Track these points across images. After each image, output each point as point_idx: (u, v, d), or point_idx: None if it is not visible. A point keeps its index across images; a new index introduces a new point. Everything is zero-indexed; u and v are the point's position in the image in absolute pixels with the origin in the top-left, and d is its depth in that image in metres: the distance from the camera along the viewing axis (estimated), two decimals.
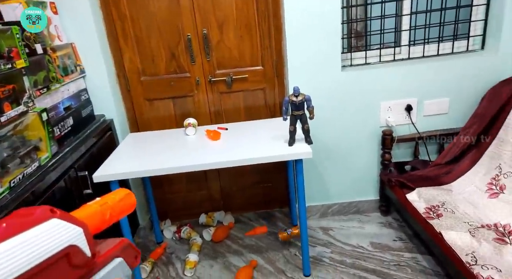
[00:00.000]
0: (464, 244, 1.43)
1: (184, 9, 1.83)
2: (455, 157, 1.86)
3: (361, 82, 1.89)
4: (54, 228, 0.26)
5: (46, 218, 0.26)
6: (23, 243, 0.24)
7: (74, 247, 0.28)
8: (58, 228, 0.27)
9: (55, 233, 0.26)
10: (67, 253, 0.27)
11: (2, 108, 1.14)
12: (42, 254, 0.25)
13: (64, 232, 0.27)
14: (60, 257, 0.26)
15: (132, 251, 0.34)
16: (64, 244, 0.27)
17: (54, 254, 0.26)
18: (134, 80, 1.95)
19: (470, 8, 1.86)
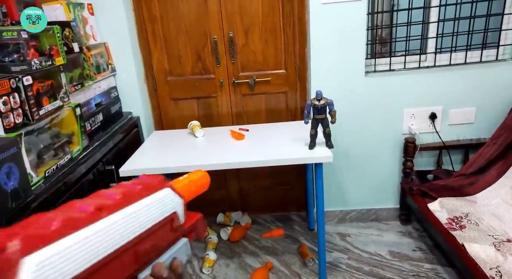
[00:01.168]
0: (488, 257, 1.39)
1: (212, 12, 1.88)
2: (481, 168, 1.82)
3: (385, 88, 1.88)
4: (166, 196, 0.31)
5: (163, 187, 0.31)
6: (149, 205, 0.29)
7: (176, 214, 0.32)
8: (169, 197, 0.32)
9: (167, 200, 0.31)
10: (171, 218, 0.32)
11: (41, 102, 1.21)
12: (159, 216, 0.30)
13: (172, 201, 0.32)
14: (167, 221, 0.31)
15: (203, 224, 0.39)
16: (171, 210, 0.32)
17: (166, 217, 0.31)
18: (161, 80, 2.02)
19: (502, 17, 1.82)
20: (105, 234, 0.25)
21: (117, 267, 0.26)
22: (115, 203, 0.27)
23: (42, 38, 1.26)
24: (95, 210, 0.25)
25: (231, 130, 1.77)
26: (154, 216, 0.29)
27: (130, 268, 0.28)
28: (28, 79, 1.15)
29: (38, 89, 1.21)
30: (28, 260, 0.20)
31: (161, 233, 0.31)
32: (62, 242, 0.22)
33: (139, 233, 0.28)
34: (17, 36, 1.16)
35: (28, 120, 1.16)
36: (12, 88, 1.09)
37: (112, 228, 0.25)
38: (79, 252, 0.23)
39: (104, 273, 0.25)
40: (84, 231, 0.24)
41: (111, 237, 0.25)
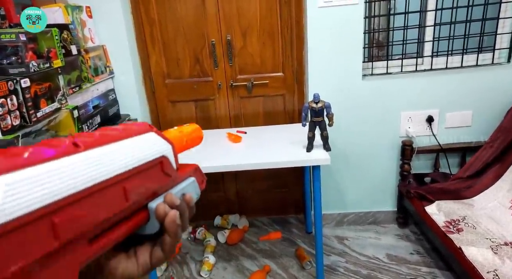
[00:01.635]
0: (486, 261, 1.39)
1: (210, 15, 1.89)
2: (478, 171, 1.82)
3: (382, 91, 1.89)
4: (152, 140, 0.32)
5: (146, 131, 0.32)
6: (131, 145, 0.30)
7: (165, 158, 0.33)
8: (154, 141, 0.33)
9: (153, 144, 0.32)
10: (160, 161, 0.33)
11: (39, 105, 1.21)
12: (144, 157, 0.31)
13: (159, 145, 0.33)
14: (156, 164, 0.32)
15: (201, 175, 0.40)
16: (159, 154, 0.33)
17: (153, 160, 0.32)
18: (159, 83, 2.03)
19: (497, 21, 1.83)
20: (84, 166, 0.25)
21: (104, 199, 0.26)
22: (93, 140, 0.27)
23: (40, 40, 1.26)
24: (71, 144, 0.25)
25: (227, 133, 1.77)
26: (138, 156, 0.30)
27: (120, 204, 0.28)
28: (26, 81, 1.15)
29: (36, 91, 1.21)
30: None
31: (152, 174, 0.32)
32: (34, 168, 0.21)
33: (122, 171, 0.28)
34: (15, 39, 1.17)
35: (26, 122, 1.16)
36: (10, 90, 1.09)
37: (91, 161, 0.25)
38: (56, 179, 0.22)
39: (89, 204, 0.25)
40: (59, 161, 0.23)
41: (91, 170, 0.25)
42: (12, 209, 0.19)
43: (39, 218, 0.21)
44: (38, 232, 0.21)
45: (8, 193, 0.19)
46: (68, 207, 0.23)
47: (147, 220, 0.32)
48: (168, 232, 0.32)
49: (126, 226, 0.29)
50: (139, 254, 0.33)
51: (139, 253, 0.33)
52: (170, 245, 0.33)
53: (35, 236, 0.21)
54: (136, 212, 0.31)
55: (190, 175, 0.37)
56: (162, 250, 0.33)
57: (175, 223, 0.32)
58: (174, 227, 0.32)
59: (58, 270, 0.23)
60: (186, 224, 0.35)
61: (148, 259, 0.33)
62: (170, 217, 0.31)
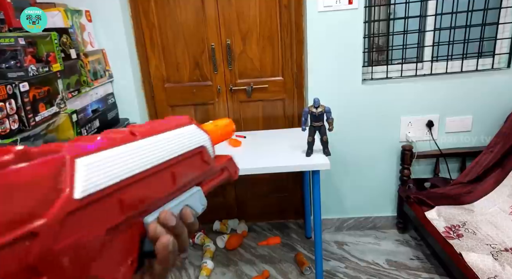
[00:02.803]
0: (486, 267, 1.38)
1: (209, 20, 1.89)
2: (478, 176, 1.82)
3: (382, 96, 1.89)
4: (192, 131, 0.35)
5: (188, 123, 0.35)
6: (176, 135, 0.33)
7: (204, 148, 0.36)
8: (195, 132, 0.36)
9: (193, 135, 0.35)
10: (200, 151, 0.36)
11: (38, 109, 1.21)
12: (187, 146, 0.34)
13: (198, 136, 0.36)
14: (197, 153, 0.35)
15: (234, 165, 0.42)
16: (199, 143, 0.35)
17: (194, 149, 0.35)
18: (159, 87, 2.02)
19: (496, 26, 1.84)
20: (141, 152, 0.28)
21: (157, 182, 0.30)
22: (145, 130, 0.30)
23: (39, 44, 1.26)
24: (129, 133, 0.29)
25: None
26: (183, 145, 0.33)
27: (169, 186, 0.31)
28: (25, 86, 1.15)
29: (35, 95, 1.20)
30: (80, 161, 0.23)
31: (193, 162, 0.35)
32: (106, 152, 0.25)
33: (170, 158, 0.31)
34: (14, 43, 1.17)
35: (24, 126, 1.15)
36: (8, 94, 1.08)
37: (146, 148, 0.29)
38: (121, 162, 0.26)
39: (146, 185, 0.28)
40: (124, 147, 0.27)
41: (147, 156, 0.29)
42: (92, 185, 0.23)
43: (110, 194, 0.25)
44: (109, 206, 0.25)
45: (89, 171, 0.23)
46: (130, 187, 0.26)
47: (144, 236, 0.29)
48: (158, 258, 0.28)
49: None
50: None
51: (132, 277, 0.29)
52: (160, 272, 0.28)
53: (107, 209, 0.25)
54: None
55: (225, 165, 0.40)
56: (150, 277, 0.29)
57: (166, 250, 0.27)
58: (165, 254, 0.27)
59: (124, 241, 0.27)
60: (185, 245, 0.30)
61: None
62: (161, 243, 0.27)
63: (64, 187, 0.21)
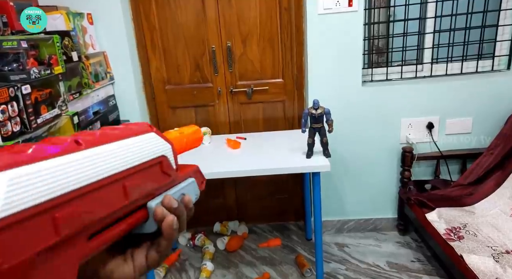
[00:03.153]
0: (487, 269, 1.37)
1: (210, 22, 1.90)
2: (479, 178, 1.81)
3: (382, 98, 1.89)
4: (151, 140, 0.33)
5: (147, 131, 0.33)
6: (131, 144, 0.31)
7: (165, 157, 0.34)
8: (154, 140, 0.33)
9: (152, 143, 0.33)
10: (160, 161, 0.33)
11: (40, 111, 1.22)
12: (144, 156, 0.31)
13: (158, 145, 0.34)
14: (155, 163, 0.33)
15: (201, 176, 0.40)
16: (158, 153, 0.33)
17: (152, 159, 0.32)
18: (159, 88, 2.03)
19: (496, 28, 1.84)
20: (85, 163, 0.25)
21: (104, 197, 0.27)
22: (94, 139, 0.27)
23: (41, 47, 1.27)
24: (73, 142, 0.26)
25: (227, 139, 1.77)
26: (138, 155, 0.31)
27: (119, 201, 0.28)
28: (27, 88, 1.16)
29: (37, 97, 1.21)
30: (2, 175, 0.20)
31: (151, 173, 0.32)
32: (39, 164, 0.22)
33: (122, 169, 0.29)
34: (17, 46, 1.18)
35: (26, 129, 1.16)
36: (10, 97, 1.09)
37: (92, 159, 0.26)
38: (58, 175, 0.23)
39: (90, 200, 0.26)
40: (63, 158, 0.24)
41: (92, 168, 0.26)
42: (15, 203, 0.20)
43: (41, 212, 0.22)
44: (39, 226, 0.22)
45: (12, 187, 0.20)
46: (69, 203, 0.24)
47: (146, 219, 0.32)
48: (164, 236, 0.32)
49: (125, 224, 0.30)
50: (135, 256, 0.33)
51: (135, 255, 0.33)
52: (166, 247, 0.33)
53: (37, 229, 0.22)
54: (135, 211, 0.31)
55: (190, 176, 0.38)
56: (157, 252, 0.33)
57: (171, 228, 0.32)
58: (171, 232, 0.32)
59: (58, 265, 0.23)
60: (184, 225, 0.35)
61: (144, 261, 0.33)
62: (167, 222, 0.32)
63: None
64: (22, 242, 0.21)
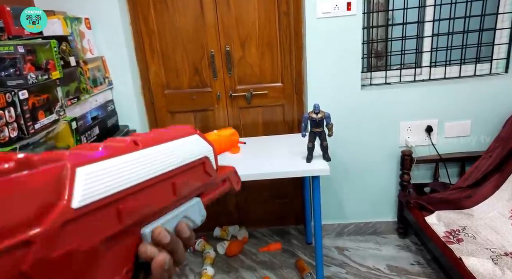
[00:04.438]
0: (486, 271, 1.38)
1: (208, 26, 1.90)
2: (477, 181, 1.82)
3: (381, 101, 1.89)
4: (196, 141, 0.35)
5: (192, 133, 0.35)
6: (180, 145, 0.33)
7: (207, 158, 0.36)
8: (198, 142, 0.36)
9: (197, 145, 0.35)
10: (203, 161, 0.35)
11: (37, 116, 1.20)
12: (190, 157, 0.34)
13: (202, 146, 0.36)
14: (199, 163, 0.35)
15: (237, 176, 0.42)
16: (202, 154, 0.35)
17: (197, 159, 0.34)
18: (158, 93, 2.02)
19: (494, 31, 1.85)
20: (142, 162, 0.28)
21: (157, 192, 0.30)
22: (149, 139, 0.30)
23: (38, 52, 1.26)
24: (131, 142, 0.29)
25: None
26: (185, 155, 0.33)
27: (169, 197, 0.31)
28: (24, 93, 1.15)
29: (34, 103, 1.20)
30: (80, 170, 0.23)
31: (195, 172, 0.35)
32: (107, 161, 0.25)
33: (172, 168, 0.31)
34: (13, 51, 1.16)
35: (24, 134, 1.15)
36: (7, 102, 1.08)
37: (148, 158, 0.29)
38: (122, 172, 0.26)
39: (146, 195, 0.28)
40: (125, 156, 0.27)
41: (148, 166, 0.29)
42: (91, 194, 0.23)
43: (109, 203, 0.25)
44: (107, 216, 0.25)
45: (88, 180, 0.23)
46: (129, 197, 0.27)
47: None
48: (153, 275, 0.28)
49: None
50: None
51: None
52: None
53: (105, 218, 0.25)
54: None
55: (227, 176, 0.40)
56: None
57: (162, 269, 0.28)
58: (161, 272, 0.28)
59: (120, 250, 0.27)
60: (181, 259, 0.30)
61: None
62: (157, 262, 0.28)
63: (63, 196, 0.22)
64: (95, 228, 0.24)
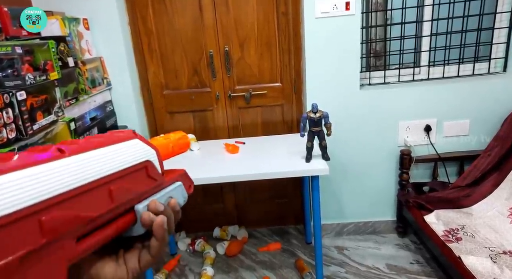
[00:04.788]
0: (485, 270, 1.38)
1: (207, 27, 1.90)
2: (476, 180, 1.82)
3: (380, 101, 1.90)
4: (136, 146, 0.34)
5: (131, 138, 0.34)
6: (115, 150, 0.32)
7: (150, 162, 0.35)
8: (139, 146, 0.35)
9: (137, 149, 0.34)
10: (145, 166, 0.35)
11: (35, 117, 1.20)
12: (129, 161, 0.33)
13: (143, 150, 0.35)
14: (140, 168, 0.34)
15: (188, 180, 0.41)
16: (143, 158, 0.35)
17: (137, 164, 0.34)
18: (157, 94, 2.02)
19: (492, 31, 1.86)
20: (69, 169, 0.27)
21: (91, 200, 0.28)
22: (77, 147, 0.29)
23: (36, 53, 1.26)
24: (56, 150, 0.27)
25: (225, 143, 1.76)
26: (122, 161, 0.32)
27: (106, 204, 0.30)
28: (22, 94, 1.14)
29: (32, 104, 1.20)
30: None
31: (137, 178, 0.34)
32: (22, 172, 0.23)
33: (105, 174, 0.30)
34: (11, 51, 1.16)
35: (22, 135, 1.15)
36: (5, 103, 1.08)
37: (76, 165, 0.27)
38: (41, 181, 0.24)
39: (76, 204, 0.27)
40: (45, 165, 0.25)
41: (76, 173, 0.27)
42: (2, 207, 0.21)
43: (26, 216, 0.23)
44: (26, 229, 0.23)
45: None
46: (54, 207, 0.25)
47: (134, 222, 0.33)
48: (155, 236, 0.33)
49: (113, 227, 0.31)
50: (128, 259, 0.34)
51: (128, 258, 0.34)
52: (158, 248, 0.34)
53: (23, 232, 0.23)
54: (124, 214, 0.32)
55: (176, 180, 0.38)
56: (149, 253, 0.34)
57: (162, 228, 0.33)
58: (161, 232, 0.33)
59: (46, 266, 0.25)
60: (172, 228, 0.36)
61: (137, 263, 0.34)
62: (157, 222, 0.33)
63: None
64: (10, 243, 0.22)
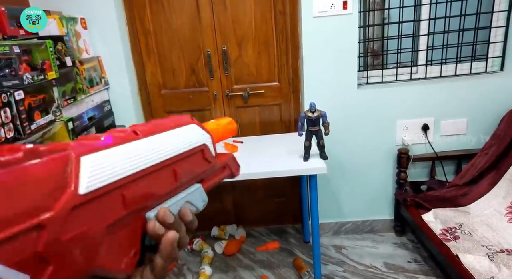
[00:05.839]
0: (483, 268, 1.39)
1: (205, 26, 1.90)
2: (473, 179, 1.83)
3: (377, 100, 1.90)
4: (194, 130, 0.37)
5: (189, 122, 0.37)
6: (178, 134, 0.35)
7: (206, 146, 0.38)
8: (196, 131, 0.37)
9: (195, 133, 0.37)
10: (202, 149, 0.37)
11: (33, 117, 1.20)
12: (188, 145, 0.35)
13: (200, 134, 0.37)
14: (198, 151, 0.36)
15: (236, 163, 0.43)
16: (200, 142, 0.37)
17: (196, 147, 0.36)
18: (155, 93, 2.02)
19: (489, 30, 1.86)
20: (143, 150, 0.29)
21: (159, 179, 0.31)
22: (148, 129, 0.32)
23: (34, 52, 1.26)
24: (132, 132, 0.30)
25: (224, 142, 1.77)
26: (184, 143, 0.34)
27: (171, 183, 0.33)
28: (20, 94, 1.14)
29: (30, 103, 1.20)
30: (84, 159, 0.24)
31: (195, 160, 0.36)
32: (110, 150, 0.26)
33: (172, 155, 0.32)
34: (9, 51, 1.16)
35: (20, 135, 1.15)
36: (3, 103, 1.08)
37: (148, 147, 0.30)
38: (124, 160, 0.27)
39: (148, 182, 0.30)
40: (127, 145, 0.28)
41: (149, 154, 0.30)
42: (97, 181, 0.24)
43: (114, 189, 0.26)
44: (112, 201, 0.26)
45: (94, 168, 0.24)
46: (133, 183, 0.28)
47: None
48: (161, 253, 0.29)
49: None
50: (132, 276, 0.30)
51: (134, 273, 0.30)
52: (162, 267, 0.30)
53: (110, 204, 0.26)
54: None
55: (227, 163, 0.41)
56: (151, 271, 0.30)
57: (171, 246, 0.29)
58: (169, 249, 0.29)
59: (126, 234, 0.28)
60: (184, 243, 0.32)
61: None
62: (167, 238, 0.29)
63: (70, 183, 0.23)
64: (102, 213, 0.25)
